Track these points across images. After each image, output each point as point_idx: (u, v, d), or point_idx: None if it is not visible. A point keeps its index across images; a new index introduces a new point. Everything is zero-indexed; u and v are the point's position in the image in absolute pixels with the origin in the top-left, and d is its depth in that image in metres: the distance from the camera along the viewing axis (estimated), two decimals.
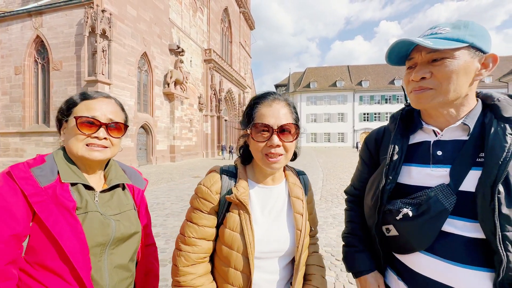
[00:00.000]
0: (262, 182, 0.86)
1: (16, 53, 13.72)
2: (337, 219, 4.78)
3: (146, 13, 15.33)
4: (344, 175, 10.67)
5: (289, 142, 0.78)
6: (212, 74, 22.98)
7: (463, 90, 0.69)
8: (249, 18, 34.10)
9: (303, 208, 0.84)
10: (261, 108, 0.79)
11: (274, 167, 0.79)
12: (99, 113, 0.80)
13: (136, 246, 0.87)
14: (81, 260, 0.69)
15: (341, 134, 44.44)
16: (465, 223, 0.67)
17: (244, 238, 0.76)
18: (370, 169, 0.93)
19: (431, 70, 0.68)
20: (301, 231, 0.81)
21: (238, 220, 0.78)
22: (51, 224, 0.66)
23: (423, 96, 0.71)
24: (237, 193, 0.77)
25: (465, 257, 0.65)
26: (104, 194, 0.83)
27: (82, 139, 0.78)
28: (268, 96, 0.81)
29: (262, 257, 0.79)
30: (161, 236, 4.01)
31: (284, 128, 0.77)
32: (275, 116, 0.77)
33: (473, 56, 0.67)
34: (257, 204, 0.83)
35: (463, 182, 0.67)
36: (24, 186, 0.67)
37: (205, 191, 0.82)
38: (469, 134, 0.70)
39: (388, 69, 45.81)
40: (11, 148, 13.88)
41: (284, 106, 0.80)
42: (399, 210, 0.74)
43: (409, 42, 0.69)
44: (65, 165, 0.77)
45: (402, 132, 0.83)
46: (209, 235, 0.81)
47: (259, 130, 0.77)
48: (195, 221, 0.81)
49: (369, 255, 0.90)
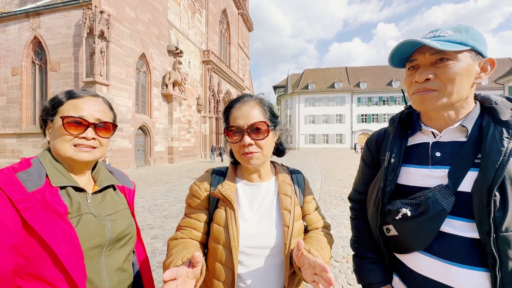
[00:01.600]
0: (250, 179, 0.90)
1: (13, 54, 13.66)
2: (336, 220, 4.79)
3: (144, 14, 15.33)
4: (342, 176, 10.70)
5: (260, 139, 0.81)
6: (211, 75, 23.01)
7: (465, 92, 0.70)
8: (248, 20, 34.22)
9: (291, 205, 0.85)
10: (233, 111, 0.85)
11: (251, 162, 0.83)
12: (86, 113, 0.77)
13: (132, 246, 0.87)
14: (75, 267, 0.66)
15: (339, 135, 44.57)
16: (463, 223, 0.67)
17: (228, 232, 0.79)
18: (372, 171, 0.93)
19: (435, 72, 0.69)
20: (289, 228, 0.81)
21: (224, 215, 0.82)
22: (42, 230, 0.63)
23: (427, 98, 0.71)
24: (221, 189, 0.83)
25: (463, 257, 0.66)
26: (96, 196, 0.82)
27: (69, 140, 0.75)
28: (240, 99, 0.86)
29: (250, 253, 0.80)
30: (159, 237, 3.99)
31: (255, 127, 0.80)
32: (245, 117, 0.81)
33: (474, 59, 0.68)
34: (245, 200, 0.87)
35: (462, 183, 0.68)
36: (10, 192, 0.63)
37: (195, 189, 0.90)
38: (467, 136, 0.71)
39: (385, 70, 46.09)
40: (8, 149, 13.79)
41: (254, 106, 0.83)
42: (398, 210, 0.75)
43: (414, 43, 0.70)
44: (53, 167, 0.74)
45: (401, 134, 0.84)
46: (197, 226, 0.86)
47: (232, 132, 0.83)
48: (187, 214, 0.90)
49: (381, 267, 0.86)
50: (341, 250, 3.48)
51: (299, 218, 0.87)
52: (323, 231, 0.93)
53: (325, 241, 0.87)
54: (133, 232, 0.87)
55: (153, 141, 16.46)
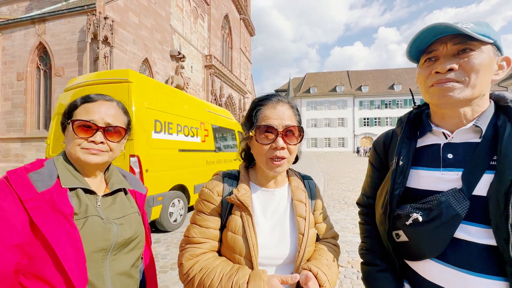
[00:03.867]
0: (264, 185, 0.84)
1: (19, 59, 13.85)
2: (340, 224, 4.72)
3: (147, 20, 15.52)
4: (345, 180, 10.56)
5: (293, 144, 0.77)
6: (213, 79, 23.13)
7: (485, 87, 0.67)
8: (249, 25, 34.50)
9: (306, 212, 0.81)
10: (265, 110, 0.77)
11: (277, 171, 0.77)
12: (97, 117, 0.79)
13: (140, 252, 0.85)
14: (76, 270, 0.65)
15: (341, 139, 44.48)
16: (478, 229, 0.64)
17: (247, 241, 0.74)
18: (380, 174, 0.90)
19: (458, 63, 0.65)
20: (303, 235, 0.77)
21: (240, 223, 0.76)
22: (46, 230, 0.64)
23: (449, 89, 0.66)
24: (237, 194, 0.76)
25: (479, 265, 0.63)
26: (107, 198, 0.82)
27: (79, 143, 0.77)
28: (272, 97, 0.80)
29: (265, 263, 0.76)
30: (162, 242, 3.96)
31: (289, 130, 0.75)
32: (280, 118, 0.75)
33: (495, 54, 0.66)
34: (259, 207, 0.82)
35: (477, 186, 0.65)
36: (20, 191, 0.65)
37: (207, 193, 0.82)
38: (482, 136, 0.68)
39: (387, 74, 46.10)
40: (12, 154, 13.88)
41: (288, 108, 0.79)
42: (409, 215, 0.72)
43: (440, 29, 0.65)
44: (65, 169, 0.76)
45: (409, 135, 0.81)
46: (213, 236, 0.79)
47: (263, 133, 0.75)
48: (199, 223, 0.80)
49: (392, 275, 0.82)
50: (346, 255, 3.42)
51: (312, 225, 0.84)
52: (331, 243, 0.90)
53: (332, 257, 0.83)
54: (142, 237, 0.86)
55: None
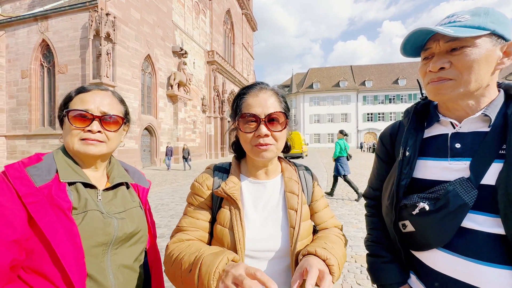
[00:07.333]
0: (256, 176, 0.84)
1: (22, 57, 13.95)
2: (343, 219, 4.74)
3: (149, 16, 15.47)
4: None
5: (278, 131, 0.75)
6: (215, 75, 23.09)
7: (485, 80, 0.66)
8: (252, 20, 34.22)
9: (298, 204, 0.79)
10: (248, 98, 0.77)
11: (264, 155, 0.75)
12: (92, 106, 0.76)
13: (143, 246, 0.84)
14: (74, 265, 0.64)
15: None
16: (486, 218, 0.63)
17: (233, 234, 0.74)
18: (387, 167, 0.89)
19: (450, 60, 0.66)
20: (295, 229, 0.76)
21: (228, 216, 0.76)
22: (44, 225, 0.63)
23: (442, 87, 0.67)
24: (225, 187, 0.76)
25: (488, 254, 0.62)
26: (108, 193, 0.80)
27: (76, 134, 0.74)
28: (255, 86, 0.79)
29: (255, 256, 0.75)
30: (166, 236, 4.00)
31: (272, 117, 0.74)
32: (262, 105, 0.75)
33: (494, 44, 0.64)
34: (249, 199, 0.81)
35: (485, 176, 0.64)
36: (18, 186, 0.63)
37: (197, 186, 0.83)
38: (490, 125, 0.67)
39: (391, 68, 45.54)
40: (18, 151, 14.08)
41: (271, 95, 0.77)
42: (416, 204, 0.71)
43: (426, 31, 0.67)
44: (64, 163, 0.74)
45: (416, 126, 0.80)
46: (203, 227, 0.80)
47: (246, 121, 0.75)
48: (189, 214, 0.82)
49: (398, 266, 0.82)
50: (349, 250, 3.43)
51: (306, 217, 0.82)
52: (333, 233, 0.84)
53: (334, 238, 0.79)
54: (144, 231, 0.85)
55: (159, 141, 16.59)
